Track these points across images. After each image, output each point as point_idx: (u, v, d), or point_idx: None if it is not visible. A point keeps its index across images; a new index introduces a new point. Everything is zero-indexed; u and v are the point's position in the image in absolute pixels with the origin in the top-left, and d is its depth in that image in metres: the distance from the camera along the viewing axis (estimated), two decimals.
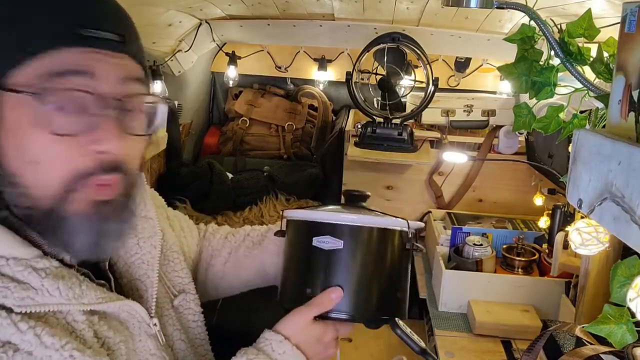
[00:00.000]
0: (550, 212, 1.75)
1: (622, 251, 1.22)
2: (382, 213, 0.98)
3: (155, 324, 0.79)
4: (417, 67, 2.29)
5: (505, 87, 2.39)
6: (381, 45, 2.13)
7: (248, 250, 1.09)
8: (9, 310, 0.62)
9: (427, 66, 2.09)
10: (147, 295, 0.81)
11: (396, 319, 1.15)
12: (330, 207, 0.96)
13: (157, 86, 2.11)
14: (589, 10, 1.01)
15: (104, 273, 0.79)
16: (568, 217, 1.64)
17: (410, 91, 2.31)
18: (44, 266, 0.65)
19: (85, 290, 0.68)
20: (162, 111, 0.73)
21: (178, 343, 0.87)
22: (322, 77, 2.62)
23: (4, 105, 0.61)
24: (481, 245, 1.78)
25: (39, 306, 0.64)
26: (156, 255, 0.84)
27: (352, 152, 2.20)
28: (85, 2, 0.67)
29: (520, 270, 1.80)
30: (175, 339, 0.86)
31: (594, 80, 1.01)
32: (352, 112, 2.54)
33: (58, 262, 0.68)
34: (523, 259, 1.81)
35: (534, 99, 1.11)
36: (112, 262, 0.82)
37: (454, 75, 2.54)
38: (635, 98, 0.71)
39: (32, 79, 0.61)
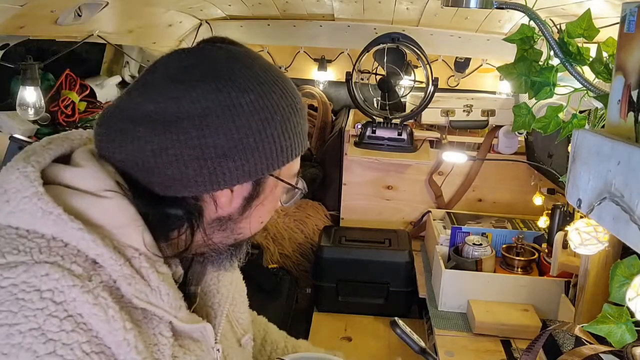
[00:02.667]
0: (549, 211, 1.75)
1: (622, 251, 1.22)
2: None
3: (218, 350, 0.83)
4: (416, 67, 2.30)
5: (505, 87, 2.39)
6: (381, 46, 2.13)
7: None
8: (121, 307, 0.67)
9: (427, 66, 2.09)
10: (215, 322, 0.86)
11: (396, 318, 1.16)
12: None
13: None
14: (589, 11, 1.01)
15: (190, 297, 0.86)
16: (567, 217, 1.64)
17: (410, 91, 2.31)
18: (164, 271, 0.73)
19: (182, 306, 0.74)
20: None
21: None
22: (322, 77, 2.62)
23: (275, 189, 0.81)
24: (481, 245, 1.79)
25: (149, 304, 0.69)
26: (231, 290, 0.92)
27: (352, 152, 2.20)
28: None
29: (519, 269, 1.81)
30: None
31: (593, 80, 1.01)
32: (352, 112, 2.54)
33: (171, 274, 0.75)
34: (522, 259, 1.81)
35: (534, 99, 1.12)
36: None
37: (453, 76, 2.55)
38: (635, 98, 0.71)
39: (289, 174, 0.82)
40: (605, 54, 1.00)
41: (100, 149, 0.74)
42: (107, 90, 2.04)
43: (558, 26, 1.06)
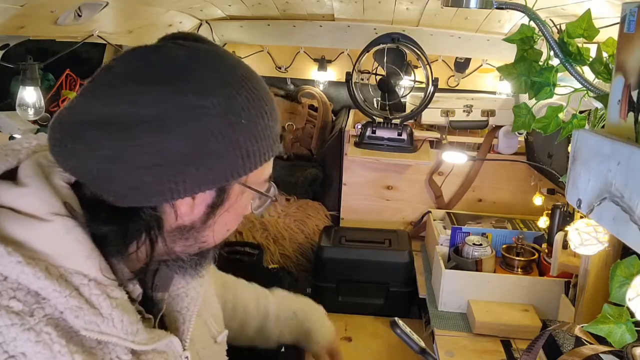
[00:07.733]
0: (549, 212, 1.75)
1: (622, 251, 1.22)
2: None
3: (187, 357, 0.81)
4: (416, 67, 2.30)
5: (505, 88, 2.39)
6: (381, 46, 2.13)
7: (257, 332, 1.24)
8: (69, 338, 0.63)
9: (427, 66, 2.09)
10: (183, 328, 0.84)
11: (396, 318, 1.16)
12: None
13: None
14: (589, 11, 1.01)
15: (158, 304, 0.83)
16: (567, 217, 1.64)
17: (410, 91, 2.31)
18: (117, 296, 0.68)
19: (140, 329, 0.70)
20: None
21: None
22: (322, 77, 2.62)
23: (242, 195, 0.76)
24: (481, 245, 1.79)
25: (101, 334, 0.66)
26: (200, 293, 0.89)
27: (352, 152, 2.20)
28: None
29: (519, 270, 1.80)
30: None
31: (593, 81, 1.02)
32: (352, 112, 2.54)
33: (127, 295, 0.71)
34: (522, 259, 1.81)
35: (534, 99, 1.12)
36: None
37: (453, 76, 2.54)
38: (635, 98, 0.71)
39: (258, 180, 0.77)
40: (605, 54, 1.00)
41: (53, 154, 0.68)
42: None
43: (558, 26, 1.06)
